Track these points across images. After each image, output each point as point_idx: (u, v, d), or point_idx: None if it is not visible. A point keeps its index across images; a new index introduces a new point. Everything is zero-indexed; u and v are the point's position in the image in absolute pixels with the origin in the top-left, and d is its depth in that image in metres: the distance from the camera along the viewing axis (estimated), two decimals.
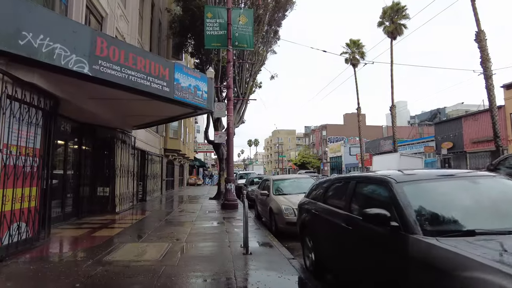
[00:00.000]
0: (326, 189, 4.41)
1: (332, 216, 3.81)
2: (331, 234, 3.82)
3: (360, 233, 3.10)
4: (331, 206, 3.97)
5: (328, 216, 3.93)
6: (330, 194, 4.23)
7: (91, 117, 8.94)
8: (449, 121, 31.64)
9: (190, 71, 8.22)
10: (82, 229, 7.69)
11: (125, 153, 11.70)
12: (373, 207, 2.85)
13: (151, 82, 6.96)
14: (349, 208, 3.47)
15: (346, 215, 3.45)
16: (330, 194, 4.24)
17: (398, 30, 34.05)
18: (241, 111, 17.64)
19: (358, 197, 3.47)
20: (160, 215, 10.47)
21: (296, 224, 6.93)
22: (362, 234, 3.06)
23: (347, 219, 3.38)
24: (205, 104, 8.57)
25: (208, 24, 12.74)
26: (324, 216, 4.05)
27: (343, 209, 3.58)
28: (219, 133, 13.30)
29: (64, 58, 5.35)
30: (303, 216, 4.89)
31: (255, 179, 16.64)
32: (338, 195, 3.97)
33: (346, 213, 3.47)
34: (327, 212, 3.98)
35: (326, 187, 4.46)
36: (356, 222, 3.14)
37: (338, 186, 4.13)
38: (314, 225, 4.43)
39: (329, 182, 4.48)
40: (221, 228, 7.88)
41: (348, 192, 3.62)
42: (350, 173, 3.94)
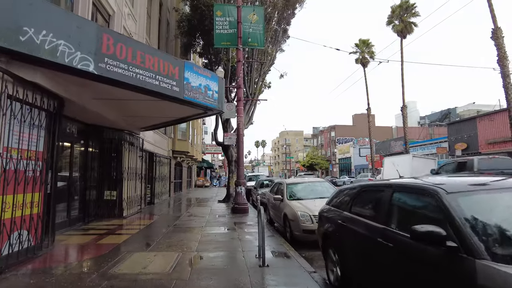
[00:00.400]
0: (353, 197, 3.96)
1: (363, 228, 3.37)
2: (363, 249, 3.38)
3: (403, 250, 2.65)
4: (362, 217, 3.53)
5: (358, 228, 3.49)
6: (360, 204, 3.79)
7: (97, 119, 8.64)
8: (462, 121, 30.77)
9: (200, 70, 7.85)
10: (88, 235, 7.37)
11: (133, 155, 11.40)
12: (419, 221, 2.43)
13: (160, 82, 6.60)
14: (386, 221, 3.03)
15: (383, 229, 3.01)
16: (359, 204, 3.80)
17: (408, 28, 33.31)
18: (250, 112, 17.26)
19: (396, 209, 3.03)
20: (168, 219, 10.12)
21: (314, 232, 6.54)
22: (406, 252, 2.62)
23: (384, 234, 2.94)
24: (216, 104, 8.19)
25: (217, 23, 12.39)
26: (354, 227, 3.61)
27: (378, 221, 3.14)
28: (228, 135, 12.93)
29: (68, 56, 5.02)
30: (326, 226, 4.46)
31: (265, 182, 16.23)
32: (370, 205, 3.54)
33: (382, 227, 3.03)
34: (357, 224, 3.54)
35: (352, 195, 4.02)
36: (399, 239, 2.70)
37: (369, 194, 3.69)
38: (340, 236, 3.99)
39: (355, 189, 4.03)
40: (232, 235, 7.48)
41: (383, 203, 3.18)
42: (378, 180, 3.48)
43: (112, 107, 8.31)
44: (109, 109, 8.34)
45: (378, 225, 3.12)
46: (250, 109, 17.25)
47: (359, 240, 3.48)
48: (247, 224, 9.01)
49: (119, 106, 8.30)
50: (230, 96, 16.00)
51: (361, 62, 41.29)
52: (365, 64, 41.13)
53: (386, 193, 3.19)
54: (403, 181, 3.15)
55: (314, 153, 65.82)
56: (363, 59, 41.06)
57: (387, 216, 3.05)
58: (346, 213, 3.96)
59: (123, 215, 10.21)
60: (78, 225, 8.40)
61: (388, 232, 2.90)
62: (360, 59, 41.28)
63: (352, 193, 4.05)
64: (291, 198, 7.87)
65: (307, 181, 8.80)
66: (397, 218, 2.94)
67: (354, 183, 10.21)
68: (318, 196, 7.88)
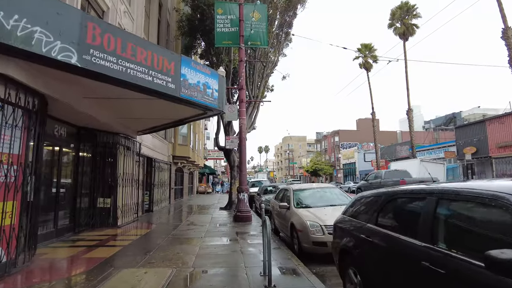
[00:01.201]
0: (379, 207, 3.26)
1: (397, 246, 2.68)
2: (398, 273, 2.68)
3: (467, 282, 1.95)
4: (393, 231, 2.83)
5: (389, 246, 2.80)
6: (389, 214, 3.10)
7: (89, 120, 8.02)
8: (471, 124, 29.92)
9: (199, 66, 7.23)
10: (75, 247, 6.69)
11: (129, 160, 10.76)
12: (483, 241, 1.74)
13: (153, 77, 5.98)
14: (430, 238, 2.34)
15: (426, 248, 2.32)
16: (388, 214, 3.11)
17: (410, 30, 32.84)
18: (252, 116, 16.62)
19: (445, 223, 2.33)
20: (166, 229, 9.42)
21: (325, 245, 5.84)
22: (472, 283, 1.91)
23: (431, 256, 2.25)
24: (216, 104, 7.55)
25: (218, 21, 11.84)
26: (382, 244, 2.92)
27: (419, 238, 2.44)
28: (230, 138, 12.28)
29: (46, 45, 4.41)
30: (345, 240, 3.75)
31: (269, 188, 15.51)
32: (404, 216, 2.86)
33: (425, 246, 2.34)
34: (388, 240, 2.85)
35: (379, 203, 3.31)
36: (458, 265, 2.01)
37: (401, 203, 2.99)
38: (363, 254, 3.29)
39: (382, 196, 3.33)
40: (234, 247, 6.77)
41: (425, 214, 2.49)
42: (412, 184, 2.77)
43: (104, 108, 7.70)
44: (100, 109, 7.73)
45: (418, 243, 2.42)
46: (253, 112, 16.62)
47: (391, 261, 2.78)
48: (250, 234, 8.29)
49: (112, 107, 7.69)
50: (232, 99, 15.39)
51: (364, 66, 40.83)
52: (368, 68, 40.66)
53: (428, 202, 2.50)
54: (452, 186, 2.47)
55: (317, 158, 64.94)
56: (366, 63, 40.61)
57: (432, 231, 2.36)
58: (371, 225, 3.26)
59: (117, 224, 9.54)
60: (66, 236, 7.73)
61: (437, 254, 2.21)
62: (363, 64, 40.83)
63: (378, 201, 3.35)
64: (298, 206, 7.16)
65: (316, 187, 8.08)
66: (448, 235, 2.25)
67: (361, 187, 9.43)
68: (328, 203, 7.18)
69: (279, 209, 7.93)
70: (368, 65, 40.47)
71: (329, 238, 5.81)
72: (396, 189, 3.14)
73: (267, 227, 4.31)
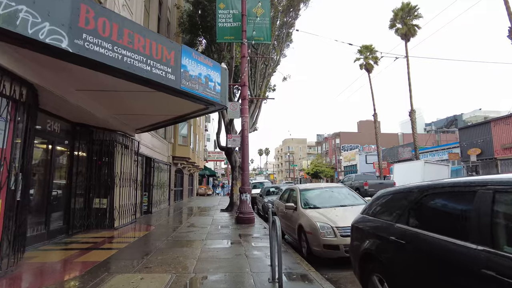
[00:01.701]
0: (412, 204, 2.82)
1: (444, 250, 2.23)
2: (447, 281, 2.22)
3: None
4: (435, 233, 2.38)
5: (433, 249, 2.35)
6: (427, 213, 2.65)
7: (84, 116, 7.59)
8: (475, 125, 29.51)
9: (200, 58, 6.81)
10: (68, 250, 6.23)
11: (127, 159, 10.32)
12: None
13: (152, 67, 5.56)
14: (490, 240, 1.90)
15: (486, 253, 1.88)
16: (426, 213, 2.66)
17: (411, 31, 32.57)
18: (254, 116, 16.20)
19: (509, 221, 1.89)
20: (165, 231, 8.96)
21: (337, 248, 5.39)
22: None
23: (495, 263, 1.80)
24: (218, 98, 7.13)
25: (220, 16, 11.46)
26: (420, 247, 2.48)
27: (473, 240, 2.01)
28: (232, 137, 11.84)
29: (33, 26, 3.99)
30: (367, 243, 3.31)
31: (271, 189, 15.07)
32: (449, 214, 2.41)
33: (484, 250, 1.90)
34: (429, 243, 2.40)
35: (411, 200, 2.86)
36: None
37: (443, 199, 2.54)
38: (393, 259, 2.84)
39: (415, 191, 2.88)
40: (238, 250, 6.31)
41: (478, 211, 2.05)
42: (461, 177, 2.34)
43: (100, 102, 7.27)
44: (97, 104, 7.31)
45: (473, 246, 1.98)
46: (255, 112, 16.21)
47: (431, 267, 2.33)
48: (254, 237, 7.84)
49: (108, 101, 7.26)
50: (234, 98, 14.97)
51: (365, 68, 40.51)
52: (369, 69, 40.32)
53: (481, 196, 2.06)
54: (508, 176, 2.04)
55: (318, 160, 64.45)
56: (367, 65, 40.30)
57: (491, 232, 1.92)
58: (401, 225, 2.82)
59: (114, 226, 9.08)
60: (59, 238, 7.27)
61: (503, 260, 1.76)
62: (364, 65, 40.53)
63: (409, 197, 2.90)
64: (306, 207, 6.71)
65: (323, 187, 7.63)
66: None
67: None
68: (338, 203, 6.73)
69: (285, 210, 7.48)
70: (369, 66, 40.14)
71: (342, 241, 5.39)
72: (432, 183, 2.70)
73: (277, 229, 3.86)
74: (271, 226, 4.62)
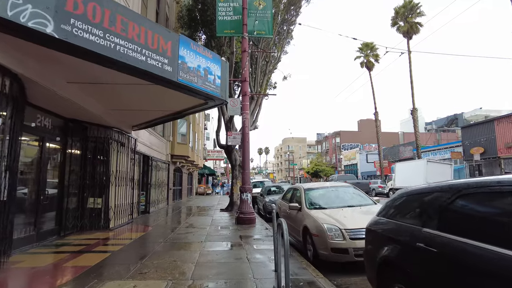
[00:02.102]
0: (444, 206, 2.43)
1: (491, 262, 1.86)
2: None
3: None
4: (473, 239, 2.01)
5: (472, 260, 1.98)
6: (461, 216, 2.27)
7: (78, 111, 7.21)
8: (478, 124, 29.15)
9: (199, 49, 6.42)
10: (58, 254, 5.85)
11: (124, 157, 9.93)
12: None
13: (147, 57, 5.17)
14: None
15: None
16: (459, 216, 2.28)
17: (413, 29, 32.22)
18: (254, 114, 15.81)
19: None
20: (163, 232, 8.59)
21: (346, 252, 5.01)
22: None
23: None
24: (218, 92, 6.74)
25: (220, 9, 11.06)
26: (458, 257, 2.10)
27: None
28: (232, 134, 11.45)
29: (13, 8, 3.60)
30: (386, 249, 2.93)
31: (273, 188, 14.70)
32: (491, 219, 2.03)
33: None
34: (467, 252, 2.02)
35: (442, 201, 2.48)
36: None
37: (481, 200, 2.17)
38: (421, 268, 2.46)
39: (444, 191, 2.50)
40: (239, 253, 5.93)
41: None
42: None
43: (93, 96, 6.88)
44: (90, 98, 6.91)
45: None
46: (255, 110, 15.82)
47: (475, 281, 1.95)
48: (256, 239, 7.47)
49: (101, 95, 6.87)
50: (234, 95, 14.59)
51: (366, 66, 40.24)
52: (370, 67, 40.04)
53: None
54: None
55: (318, 159, 64.09)
56: (368, 63, 39.98)
57: None
58: (431, 230, 2.45)
59: (109, 227, 8.70)
60: (50, 240, 6.89)
61: None
62: (364, 63, 40.20)
63: (439, 198, 2.52)
64: (311, 207, 6.33)
65: (329, 186, 7.25)
66: None
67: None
68: (345, 204, 6.36)
69: (288, 210, 7.11)
70: (370, 64, 39.81)
71: (351, 244, 5.03)
72: (470, 181, 2.32)
73: (283, 233, 3.48)
74: (276, 229, 4.25)
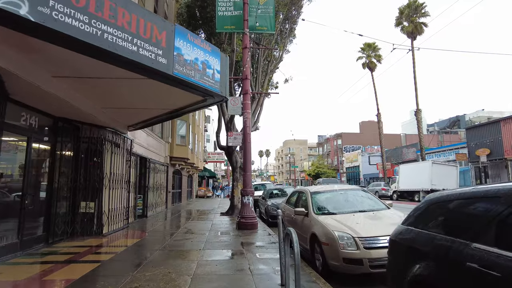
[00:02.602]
0: (498, 216, 1.92)
1: None
2: None
3: None
4: None
5: None
6: None
7: (67, 109, 6.71)
8: (484, 125, 28.62)
9: (197, 40, 5.92)
10: (41, 264, 5.33)
11: (119, 158, 9.43)
12: None
13: (138, 47, 4.68)
14: None
15: None
16: None
17: (418, 29, 31.81)
18: (255, 114, 15.32)
19: None
20: (159, 238, 8.07)
21: (360, 263, 4.48)
22: None
23: None
24: (218, 88, 6.24)
25: (220, 3, 10.58)
26: None
27: None
28: (233, 134, 10.95)
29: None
30: (419, 266, 2.42)
31: (275, 191, 14.17)
32: None
33: None
34: None
35: (494, 209, 1.97)
36: None
37: None
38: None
39: (498, 196, 1.99)
40: (240, 264, 5.40)
41: None
42: None
43: (83, 92, 6.37)
44: (79, 94, 6.41)
45: None
46: (256, 110, 15.32)
47: None
48: (258, 246, 6.94)
49: (92, 91, 6.36)
50: (234, 94, 14.10)
51: (368, 67, 39.85)
52: (372, 68, 39.65)
53: None
54: None
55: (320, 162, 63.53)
56: (370, 63, 39.56)
57: None
58: (484, 247, 1.93)
59: (102, 233, 8.19)
60: (36, 248, 6.37)
61: None
62: (366, 64, 39.78)
63: (494, 206, 2.00)
64: (319, 212, 5.81)
65: (337, 189, 6.72)
66: None
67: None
68: (356, 208, 5.83)
69: (293, 215, 6.59)
70: (372, 65, 39.39)
71: (366, 254, 4.50)
72: None
73: (294, 245, 2.97)
74: (284, 239, 3.73)
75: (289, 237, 3.35)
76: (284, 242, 3.67)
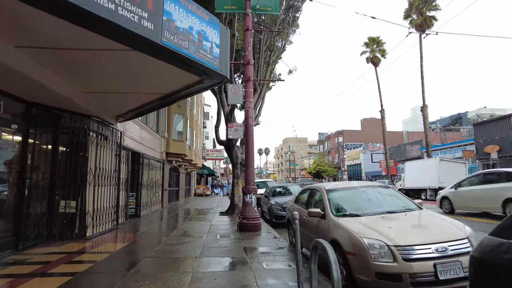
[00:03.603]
0: None
1: None
2: None
3: None
4: None
5: None
6: None
7: (41, 93, 5.68)
8: (493, 121, 27.65)
9: (192, 6, 4.92)
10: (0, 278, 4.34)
11: (107, 152, 8.42)
12: None
13: (117, 6, 3.68)
14: None
15: None
16: None
17: (427, 22, 30.76)
18: (257, 107, 14.33)
19: None
20: (150, 242, 7.08)
21: (398, 279, 3.50)
22: None
23: None
24: (217, 64, 5.23)
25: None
26: None
27: None
28: (234, 126, 9.93)
29: None
30: None
31: (278, 189, 13.18)
32: None
33: None
34: None
35: None
36: None
37: None
38: None
39: None
40: (244, 276, 4.41)
41: None
42: None
43: (57, 69, 5.33)
44: (53, 74, 5.40)
45: None
46: (258, 103, 14.34)
47: None
48: (264, 252, 5.94)
49: (68, 68, 5.33)
50: (234, 81, 13.09)
51: (372, 61, 38.84)
52: (376, 63, 38.65)
53: None
54: None
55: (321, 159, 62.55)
56: (374, 58, 38.57)
57: None
58: None
59: (86, 235, 7.20)
60: (1, 256, 5.37)
61: None
62: (370, 58, 38.79)
63: None
64: (339, 214, 4.82)
65: (357, 186, 5.71)
66: None
67: None
68: (383, 209, 4.83)
69: (306, 218, 5.60)
70: (376, 59, 38.39)
71: (406, 268, 3.51)
72: None
73: (333, 267, 1.98)
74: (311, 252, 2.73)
75: (316, 250, 2.37)
76: (311, 257, 2.68)
